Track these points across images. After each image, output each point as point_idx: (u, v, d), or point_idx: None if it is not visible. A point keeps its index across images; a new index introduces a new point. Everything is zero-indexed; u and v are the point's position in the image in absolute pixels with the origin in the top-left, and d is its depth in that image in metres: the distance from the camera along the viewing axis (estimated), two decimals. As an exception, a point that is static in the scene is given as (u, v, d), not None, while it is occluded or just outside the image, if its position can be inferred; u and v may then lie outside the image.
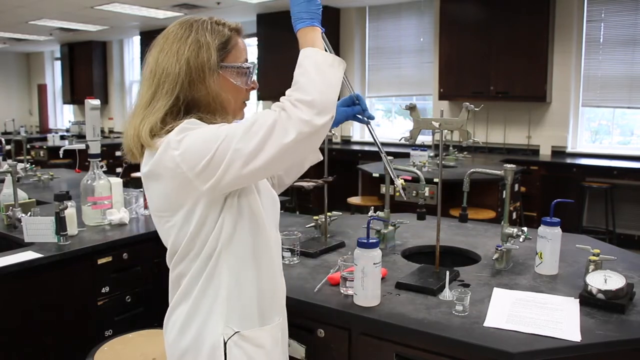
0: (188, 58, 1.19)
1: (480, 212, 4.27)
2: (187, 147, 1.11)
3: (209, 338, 1.23)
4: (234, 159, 1.08)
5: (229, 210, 1.20)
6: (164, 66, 1.20)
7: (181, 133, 1.12)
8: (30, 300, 2.03)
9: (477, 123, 6.46)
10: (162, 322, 1.36)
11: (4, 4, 7.12)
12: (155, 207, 1.25)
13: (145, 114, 1.19)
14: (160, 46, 1.23)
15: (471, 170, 1.97)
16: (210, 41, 1.21)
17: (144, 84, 1.23)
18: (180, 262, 1.27)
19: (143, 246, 2.40)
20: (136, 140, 1.20)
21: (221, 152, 1.09)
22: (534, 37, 5.77)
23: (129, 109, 6.26)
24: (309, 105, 1.08)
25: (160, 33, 1.28)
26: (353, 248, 1.57)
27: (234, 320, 1.24)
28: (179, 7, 7.32)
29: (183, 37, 1.21)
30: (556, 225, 1.78)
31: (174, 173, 1.13)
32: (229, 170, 1.09)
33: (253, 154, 1.08)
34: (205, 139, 1.11)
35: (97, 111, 2.56)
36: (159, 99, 1.19)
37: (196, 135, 1.12)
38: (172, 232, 1.23)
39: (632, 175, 5.26)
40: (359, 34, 7.58)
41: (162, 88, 1.19)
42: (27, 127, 11.65)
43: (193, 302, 1.25)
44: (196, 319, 1.25)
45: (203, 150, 1.10)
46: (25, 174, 3.71)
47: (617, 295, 1.48)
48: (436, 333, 1.37)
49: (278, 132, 1.07)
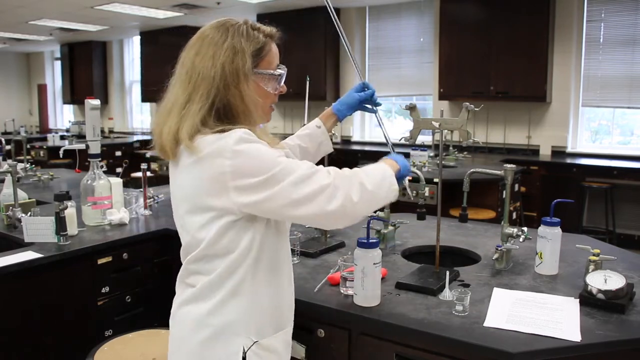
0: (223, 63, 1.21)
1: (480, 212, 4.27)
2: (242, 162, 1.15)
3: (229, 344, 1.24)
4: (279, 196, 1.16)
5: (259, 225, 1.24)
6: (200, 69, 1.22)
7: (239, 144, 1.15)
8: (30, 300, 2.03)
9: (477, 123, 6.46)
10: (162, 322, 1.36)
11: (4, 4, 7.12)
12: (183, 200, 1.26)
13: (183, 115, 1.21)
14: (196, 48, 1.25)
15: (471, 170, 1.97)
16: (245, 47, 1.24)
17: (179, 85, 1.26)
18: (199, 260, 1.26)
19: (143, 246, 2.40)
20: (172, 140, 1.22)
21: (272, 182, 1.16)
22: (534, 37, 5.77)
23: (128, 109, 6.24)
24: (354, 201, 1.22)
25: (196, 33, 1.30)
26: (353, 248, 1.57)
27: (252, 330, 1.26)
28: (179, 7, 7.32)
29: (219, 42, 1.23)
30: (556, 225, 1.78)
31: (217, 179, 1.16)
32: (270, 201, 1.16)
33: (297, 202, 1.17)
34: (263, 160, 1.16)
35: (97, 111, 2.56)
36: (194, 101, 1.21)
37: (254, 153, 1.16)
38: (194, 228, 1.24)
39: (632, 175, 5.26)
40: (359, 34, 7.58)
41: (198, 91, 1.21)
42: (27, 127, 11.65)
43: (215, 305, 1.24)
44: (215, 321, 1.25)
45: (256, 172, 1.15)
46: (25, 174, 3.71)
47: (617, 295, 1.48)
48: (436, 333, 1.37)
49: (325, 196, 1.18)
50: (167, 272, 2.48)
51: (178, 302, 1.33)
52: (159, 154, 1.30)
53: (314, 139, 1.68)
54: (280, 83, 1.34)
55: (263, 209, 1.19)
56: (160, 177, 6.43)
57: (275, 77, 1.31)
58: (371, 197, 1.27)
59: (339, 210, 1.20)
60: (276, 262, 1.30)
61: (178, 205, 1.30)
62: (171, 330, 1.35)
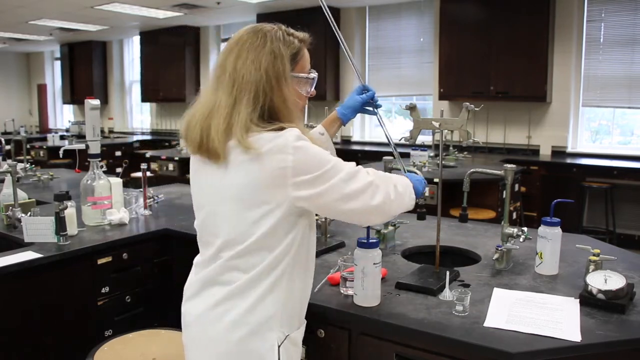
0: (266, 67, 1.28)
1: (480, 212, 4.27)
2: (303, 156, 1.24)
3: (264, 340, 1.29)
4: (332, 191, 1.26)
5: (302, 222, 1.32)
6: (243, 73, 1.27)
7: (299, 140, 1.24)
8: (30, 300, 2.03)
9: (477, 123, 6.46)
10: (162, 322, 1.36)
11: (4, 4, 7.12)
12: (234, 196, 1.28)
13: (232, 115, 1.26)
14: (236, 53, 1.30)
15: (471, 170, 1.97)
16: (284, 52, 1.31)
17: (222, 88, 1.29)
18: (243, 256, 1.30)
19: (143, 246, 2.40)
20: (223, 140, 1.26)
21: (326, 177, 1.25)
22: (534, 37, 5.78)
23: (128, 109, 6.25)
24: (391, 198, 1.36)
25: (232, 37, 1.36)
26: (353, 248, 1.57)
27: (285, 324, 1.33)
28: (179, 7, 7.32)
29: (259, 47, 1.29)
30: (556, 225, 1.78)
31: (278, 173, 1.23)
32: (323, 195, 1.26)
33: (347, 197, 1.28)
34: (321, 157, 1.27)
35: (97, 111, 2.56)
36: (242, 103, 1.26)
37: (313, 150, 1.26)
38: (246, 223, 1.27)
39: (632, 175, 5.26)
40: (359, 34, 7.58)
41: (244, 94, 1.27)
42: (27, 127, 11.65)
43: (254, 302, 1.29)
44: (253, 319, 1.29)
45: (315, 167, 1.25)
46: (25, 174, 3.71)
47: (617, 296, 1.48)
48: (436, 333, 1.37)
49: (369, 193, 1.30)
50: (167, 272, 2.48)
51: (211, 303, 1.33)
52: (199, 154, 1.33)
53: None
54: (312, 86, 1.43)
55: (316, 203, 1.27)
56: (160, 177, 6.42)
57: (309, 81, 1.40)
58: (401, 199, 1.39)
59: (380, 206, 1.32)
60: (308, 258, 1.37)
61: (223, 202, 1.31)
62: (198, 331, 1.36)
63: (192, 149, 1.34)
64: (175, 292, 2.58)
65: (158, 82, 9.34)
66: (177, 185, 3.81)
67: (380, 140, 7.30)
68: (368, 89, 1.72)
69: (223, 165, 1.29)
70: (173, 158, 6.36)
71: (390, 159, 2.14)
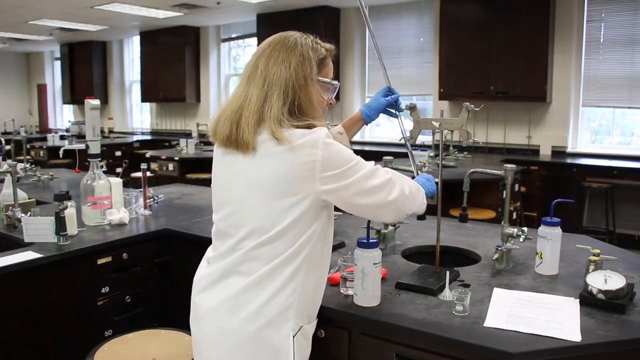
0: (296, 67, 1.36)
1: (480, 212, 4.27)
2: (331, 152, 1.31)
3: (280, 331, 1.34)
4: (353, 185, 1.34)
5: (324, 214, 1.39)
6: (274, 71, 1.35)
7: (328, 138, 1.32)
8: (30, 300, 2.03)
9: (477, 123, 6.46)
10: (162, 322, 1.37)
11: (4, 4, 7.12)
12: (263, 186, 1.33)
13: (264, 108, 1.33)
14: (268, 54, 1.38)
15: (471, 170, 1.97)
16: (312, 56, 1.40)
17: (253, 85, 1.36)
18: (267, 245, 1.34)
19: (143, 246, 2.40)
20: (254, 132, 1.32)
21: (350, 173, 1.34)
22: (534, 37, 5.78)
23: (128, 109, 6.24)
24: (406, 194, 1.45)
25: (263, 42, 1.43)
26: (353, 248, 1.57)
27: (300, 315, 1.38)
28: (178, 7, 7.32)
29: (289, 49, 1.38)
30: (556, 225, 1.78)
31: (306, 167, 1.30)
32: (346, 189, 1.33)
33: (366, 192, 1.36)
34: (347, 155, 1.35)
35: (97, 111, 2.56)
36: (274, 98, 1.33)
37: (338, 146, 1.34)
38: (275, 212, 1.33)
39: (632, 175, 5.26)
40: (359, 34, 7.58)
41: (274, 90, 1.34)
42: (27, 127, 11.65)
43: (273, 292, 1.33)
44: (272, 310, 1.33)
45: (342, 163, 1.33)
46: (25, 174, 3.70)
47: (617, 296, 1.48)
48: (436, 333, 1.37)
49: (387, 189, 1.40)
50: (167, 272, 2.48)
51: (229, 294, 1.36)
52: (226, 146, 1.38)
53: None
54: (334, 94, 1.49)
55: (338, 196, 1.34)
56: (160, 177, 6.43)
57: (331, 87, 1.46)
58: (414, 198, 1.49)
59: (395, 202, 1.41)
60: (324, 252, 1.42)
61: (252, 191, 1.35)
62: (212, 323, 1.38)
63: (220, 142, 1.39)
64: (175, 292, 2.58)
65: (158, 82, 9.34)
66: (177, 185, 3.81)
67: (380, 140, 7.31)
68: (393, 91, 1.80)
69: (251, 156, 1.34)
70: (173, 158, 6.36)
71: (390, 159, 2.14)
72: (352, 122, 1.84)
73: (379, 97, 1.81)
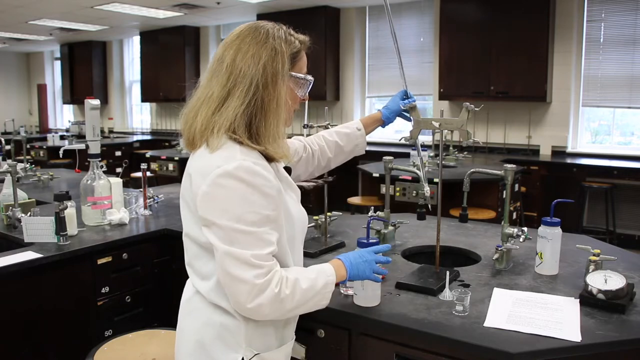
0: (265, 63, 1.24)
1: (480, 212, 4.27)
2: (216, 195, 1.17)
3: (227, 352, 1.26)
4: (219, 250, 1.19)
5: None
6: (241, 67, 1.23)
7: (230, 177, 1.16)
8: (30, 300, 2.03)
9: (477, 123, 6.46)
10: (162, 322, 1.37)
11: (4, 4, 7.12)
12: (190, 200, 1.27)
13: (220, 107, 1.23)
14: (236, 46, 1.26)
15: (471, 170, 1.97)
16: (285, 50, 1.27)
17: (216, 80, 1.26)
18: (194, 259, 1.31)
19: (143, 246, 2.40)
20: (203, 129, 1.24)
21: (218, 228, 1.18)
22: (534, 37, 5.77)
23: (128, 109, 6.25)
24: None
25: (232, 32, 1.32)
26: (353, 248, 1.57)
27: (254, 342, 1.28)
28: (179, 7, 7.32)
29: (260, 42, 1.26)
30: (556, 225, 1.78)
31: (198, 185, 1.20)
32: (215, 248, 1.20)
33: (221, 259, 1.19)
34: (236, 209, 1.17)
35: (97, 111, 2.56)
36: (234, 96, 1.23)
37: (234, 194, 1.16)
38: (195, 223, 1.26)
39: (632, 175, 5.26)
40: (359, 34, 7.58)
41: (238, 87, 1.23)
42: (27, 127, 11.64)
43: (216, 311, 1.27)
44: (221, 321, 1.27)
45: (220, 214, 1.17)
46: (25, 174, 3.70)
47: (617, 296, 1.48)
48: (436, 333, 1.37)
49: (248, 290, 1.18)
50: (167, 272, 2.48)
51: (186, 297, 1.37)
52: (186, 147, 1.32)
53: (351, 140, 1.80)
54: (307, 90, 1.37)
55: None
56: (160, 177, 6.43)
57: (305, 83, 1.34)
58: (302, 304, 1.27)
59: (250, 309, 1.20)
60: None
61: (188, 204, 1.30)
62: (179, 321, 1.37)
63: (184, 143, 1.32)
64: (176, 292, 2.58)
65: (158, 82, 9.34)
66: (177, 185, 3.81)
67: (380, 140, 7.30)
68: (410, 95, 1.80)
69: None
70: (173, 158, 6.36)
71: (390, 159, 2.14)
72: (371, 120, 1.83)
73: (397, 100, 1.80)
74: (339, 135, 1.79)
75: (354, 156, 1.85)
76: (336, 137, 1.78)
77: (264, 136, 1.24)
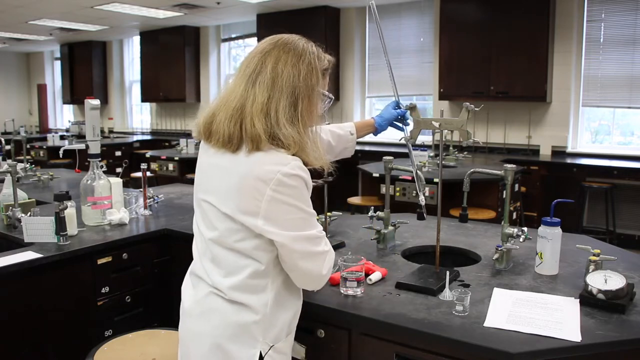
0: (305, 74, 1.32)
1: (480, 212, 4.27)
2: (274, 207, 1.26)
3: (245, 349, 1.31)
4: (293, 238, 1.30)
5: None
6: (283, 75, 1.29)
7: (283, 184, 1.25)
8: (30, 300, 2.03)
9: (477, 123, 6.46)
10: (162, 322, 1.37)
11: (4, 4, 7.12)
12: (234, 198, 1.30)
13: (269, 112, 1.28)
14: (276, 56, 1.32)
15: (471, 170, 1.96)
16: (318, 66, 1.36)
17: (259, 87, 1.29)
18: (223, 254, 1.34)
19: (143, 246, 2.40)
20: (255, 137, 1.26)
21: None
22: (534, 37, 5.78)
23: (128, 109, 6.25)
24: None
25: (265, 41, 1.38)
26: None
27: (270, 335, 1.34)
28: (179, 7, 7.32)
29: (297, 55, 1.33)
30: (556, 225, 1.78)
31: (261, 191, 1.25)
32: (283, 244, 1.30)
33: (299, 253, 1.32)
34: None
35: (97, 111, 2.56)
36: (278, 102, 1.28)
37: (289, 206, 1.27)
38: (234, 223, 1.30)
39: (633, 175, 5.26)
40: (359, 34, 7.58)
41: (282, 93, 1.29)
42: (27, 127, 11.65)
43: (234, 310, 1.31)
44: (238, 320, 1.31)
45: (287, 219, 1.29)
46: (25, 174, 3.70)
47: (617, 296, 1.48)
48: (436, 333, 1.37)
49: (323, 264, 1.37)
50: (167, 272, 2.48)
51: (197, 298, 1.39)
52: (222, 145, 1.32)
53: (342, 142, 1.89)
54: (327, 107, 1.43)
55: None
56: (160, 177, 6.43)
57: (327, 99, 1.41)
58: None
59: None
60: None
61: (227, 194, 1.31)
62: (188, 325, 1.40)
63: (216, 142, 1.33)
64: (175, 292, 2.58)
65: (158, 82, 9.34)
66: (177, 185, 3.81)
67: (380, 140, 7.30)
68: (401, 106, 1.90)
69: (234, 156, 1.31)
70: (173, 158, 6.37)
71: (390, 159, 2.14)
72: (364, 126, 1.91)
73: (390, 109, 1.88)
74: (332, 135, 1.86)
75: (341, 158, 1.90)
76: (330, 137, 1.85)
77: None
